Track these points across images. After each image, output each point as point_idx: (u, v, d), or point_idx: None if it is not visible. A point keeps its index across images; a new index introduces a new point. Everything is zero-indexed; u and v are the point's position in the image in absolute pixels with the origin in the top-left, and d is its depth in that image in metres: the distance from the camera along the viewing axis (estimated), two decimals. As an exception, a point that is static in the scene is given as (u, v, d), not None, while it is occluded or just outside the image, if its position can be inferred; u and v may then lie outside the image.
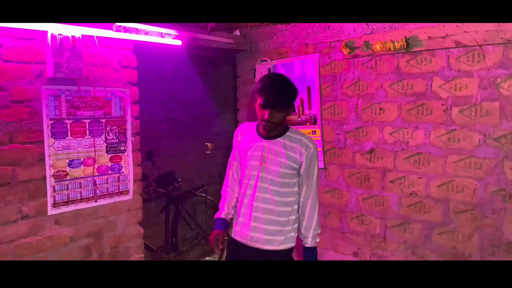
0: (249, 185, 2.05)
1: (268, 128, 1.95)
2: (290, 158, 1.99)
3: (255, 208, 2.02)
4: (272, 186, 2.01)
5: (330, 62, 2.77)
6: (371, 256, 2.70)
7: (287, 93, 1.93)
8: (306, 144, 2.02)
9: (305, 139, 2.04)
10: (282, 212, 2.02)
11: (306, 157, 2.01)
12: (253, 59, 3.19)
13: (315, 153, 2.05)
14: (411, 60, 2.44)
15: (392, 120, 2.54)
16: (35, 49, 2.03)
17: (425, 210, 2.46)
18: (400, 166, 2.54)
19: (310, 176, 2.05)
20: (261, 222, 2.01)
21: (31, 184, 2.05)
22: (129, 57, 2.42)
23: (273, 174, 2.00)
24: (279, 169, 1.99)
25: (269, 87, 1.89)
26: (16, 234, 2.00)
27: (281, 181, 2.00)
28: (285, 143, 2.01)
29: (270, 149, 2.01)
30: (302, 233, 2.06)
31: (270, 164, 2.00)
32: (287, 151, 2.00)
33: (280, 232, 2.02)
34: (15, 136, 1.98)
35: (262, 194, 2.02)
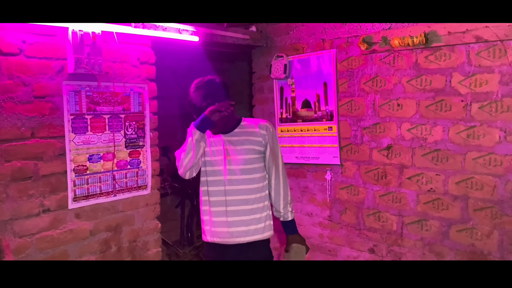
0: (217, 181, 2.05)
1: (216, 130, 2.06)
2: (253, 143, 2.05)
3: (228, 203, 2.03)
4: (241, 175, 2.03)
5: (347, 57, 2.75)
6: (388, 253, 2.69)
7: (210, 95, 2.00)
8: (264, 125, 2.10)
9: (261, 122, 2.12)
10: (256, 198, 2.05)
11: (268, 137, 2.08)
12: (269, 55, 3.18)
13: (274, 131, 2.14)
14: (430, 56, 2.42)
15: (410, 116, 2.52)
16: (56, 45, 2.06)
17: (443, 207, 2.44)
18: (418, 162, 2.52)
19: (275, 155, 2.12)
20: (237, 214, 2.02)
21: (53, 178, 2.08)
22: (148, 53, 2.44)
23: (240, 163, 2.02)
24: (246, 156, 2.03)
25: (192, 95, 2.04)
26: (38, 227, 2.04)
27: (249, 168, 2.04)
28: (243, 131, 2.07)
29: (231, 141, 2.05)
30: (281, 211, 2.13)
31: (235, 154, 2.03)
32: (248, 137, 2.05)
33: (258, 220, 2.05)
34: (37, 131, 2.02)
35: (232, 187, 2.03)
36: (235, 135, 2.07)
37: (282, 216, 2.15)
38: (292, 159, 3.13)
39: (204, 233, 2.13)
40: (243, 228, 2.02)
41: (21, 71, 1.94)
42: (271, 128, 2.12)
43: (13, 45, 1.91)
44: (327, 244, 3.01)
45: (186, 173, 2.03)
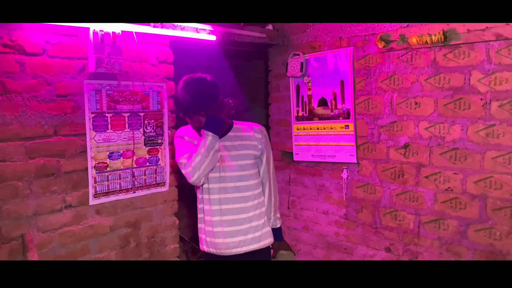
0: (211, 190, 1.94)
1: None
2: (249, 147, 1.96)
3: (223, 212, 1.93)
4: (237, 183, 1.93)
5: (365, 55, 2.74)
6: (404, 252, 2.68)
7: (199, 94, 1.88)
8: (259, 129, 2.03)
9: (255, 125, 2.05)
10: (253, 206, 1.97)
11: (264, 141, 2.02)
12: (285, 53, 3.19)
13: (267, 135, 2.09)
14: (448, 54, 2.39)
15: (428, 115, 2.51)
16: (78, 45, 2.11)
17: (461, 206, 2.42)
18: (435, 161, 2.50)
19: (269, 159, 2.07)
20: (234, 224, 1.92)
21: (74, 175, 2.13)
22: (166, 53, 2.47)
23: (235, 170, 1.92)
24: (241, 162, 1.94)
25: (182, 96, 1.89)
26: (60, 222, 2.10)
27: (245, 174, 1.95)
28: (237, 135, 1.97)
29: (225, 147, 1.93)
30: (272, 218, 2.10)
31: (230, 161, 1.92)
32: (243, 142, 1.96)
33: (256, 228, 1.98)
34: (59, 129, 2.07)
35: (228, 195, 1.93)
36: (229, 139, 1.96)
37: (272, 223, 2.12)
38: (308, 157, 3.13)
39: (200, 242, 2.05)
40: (241, 237, 1.94)
41: (45, 71, 2.00)
42: (265, 132, 2.06)
43: (37, 46, 1.96)
44: (343, 243, 3.01)
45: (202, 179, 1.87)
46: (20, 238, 1.95)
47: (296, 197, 3.31)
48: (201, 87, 1.89)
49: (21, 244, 1.95)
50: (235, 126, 2.01)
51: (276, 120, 3.40)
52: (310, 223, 3.22)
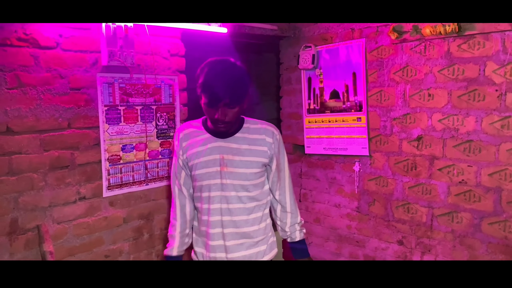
0: (211, 198, 1.66)
1: (223, 129, 1.60)
2: (257, 154, 1.66)
3: (224, 224, 1.66)
4: (240, 192, 1.66)
5: (377, 47, 2.72)
6: (417, 245, 2.66)
7: (238, 83, 1.53)
8: (270, 131, 1.71)
9: (267, 126, 1.72)
10: (257, 218, 1.71)
11: (274, 146, 1.70)
12: (297, 45, 3.18)
13: (281, 138, 1.76)
14: (462, 44, 2.36)
15: (441, 107, 2.48)
16: (91, 38, 2.12)
17: (474, 199, 2.40)
18: (449, 153, 2.47)
19: (281, 167, 1.76)
20: (237, 237, 1.68)
21: (88, 167, 2.16)
22: (178, 45, 2.48)
23: (239, 178, 1.65)
24: (246, 170, 1.64)
25: (214, 80, 1.51)
26: (74, 214, 2.13)
27: (250, 184, 1.66)
28: (245, 137, 1.67)
29: (230, 149, 1.65)
30: (288, 231, 1.81)
31: (233, 166, 1.64)
32: (251, 146, 1.66)
33: (261, 242, 1.74)
34: (73, 122, 2.09)
35: (230, 205, 1.66)
36: (236, 141, 1.66)
37: (289, 236, 1.83)
38: (320, 150, 3.12)
39: (195, 254, 1.78)
40: (243, 252, 1.69)
41: (58, 64, 2.02)
42: (278, 135, 1.74)
43: (50, 39, 1.98)
44: (355, 235, 3.00)
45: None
46: (36, 229, 1.99)
47: (307, 190, 3.30)
48: (238, 72, 1.57)
49: (37, 235, 1.99)
50: (245, 126, 1.70)
51: (288, 113, 3.39)
52: (322, 216, 3.22)
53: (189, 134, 1.71)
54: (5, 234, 1.90)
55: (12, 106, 1.88)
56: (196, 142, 1.68)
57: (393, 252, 2.79)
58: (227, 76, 1.52)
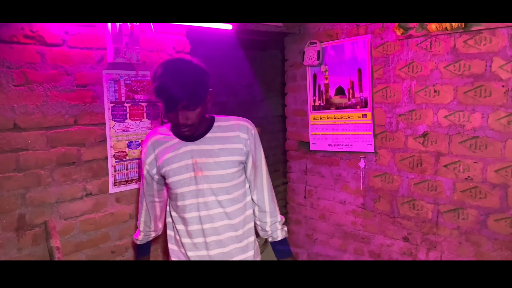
0: (186, 207, 1.59)
1: (188, 132, 1.52)
2: (232, 152, 1.58)
3: (206, 233, 1.59)
4: (220, 196, 1.58)
5: (383, 43, 2.71)
6: (422, 242, 2.66)
7: (195, 82, 1.43)
8: (244, 126, 1.62)
9: (240, 121, 1.64)
10: (241, 222, 1.65)
11: (251, 142, 1.62)
12: (302, 42, 3.17)
13: (257, 134, 1.68)
14: (469, 40, 2.34)
15: (447, 103, 2.47)
16: (96, 35, 2.13)
17: (481, 195, 2.39)
18: (455, 150, 2.47)
19: (258, 163, 1.68)
20: (221, 245, 1.60)
21: (94, 164, 2.17)
22: (183, 42, 2.48)
23: (217, 181, 1.57)
24: (223, 171, 1.57)
25: (168, 81, 1.40)
26: (81, 210, 2.14)
27: (229, 186, 1.59)
28: (217, 136, 1.59)
29: (202, 152, 1.57)
30: (269, 230, 1.73)
31: (208, 170, 1.56)
32: (224, 145, 1.58)
33: (246, 248, 1.67)
34: (79, 118, 2.11)
35: (209, 212, 1.58)
36: (208, 142, 1.58)
37: (270, 235, 1.74)
38: (325, 147, 3.12)
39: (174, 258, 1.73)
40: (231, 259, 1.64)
41: (64, 61, 2.03)
42: (254, 130, 1.65)
43: (56, 36, 1.99)
44: (360, 232, 3.00)
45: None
46: (43, 225, 2.01)
47: (312, 186, 3.30)
48: (194, 70, 1.46)
49: (44, 230, 2.00)
50: (215, 125, 1.61)
51: (293, 110, 3.39)
52: (327, 213, 3.22)
53: (158, 141, 1.63)
54: (13, 230, 1.92)
55: (19, 102, 1.90)
56: (166, 148, 1.60)
57: (399, 249, 2.79)
58: (182, 75, 1.41)
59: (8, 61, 1.85)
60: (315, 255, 3.35)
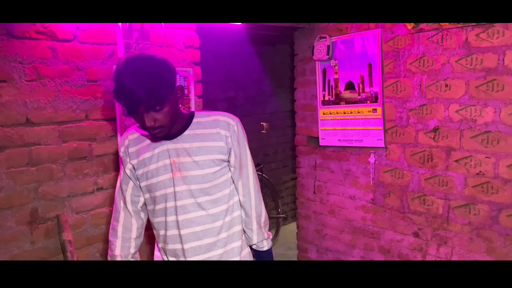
0: (166, 210, 1.47)
1: (160, 134, 1.39)
2: (211, 150, 1.46)
3: (186, 238, 1.47)
4: (199, 198, 1.46)
5: (393, 37, 2.68)
6: (433, 237, 2.64)
7: (156, 80, 1.28)
8: (224, 122, 1.49)
9: (222, 117, 1.51)
10: (224, 225, 1.52)
11: (233, 139, 1.49)
12: (311, 37, 3.16)
13: (241, 130, 1.53)
14: (481, 33, 2.32)
15: (458, 97, 2.44)
16: (107, 30, 2.14)
17: (492, 190, 2.36)
18: (466, 145, 2.44)
19: (244, 162, 1.54)
20: (200, 251, 1.49)
21: (105, 158, 2.19)
22: (192, 37, 2.49)
23: (195, 182, 1.45)
24: (201, 171, 1.45)
25: (126, 81, 1.26)
26: (92, 204, 2.16)
27: (210, 186, 1.47)
28: (196, 134, 1.47)
29: (180, 151, 1.46)
30: (253, 238, 1.60)
31: (186, 170, 1.45)
32: (203, 143, 1.46)
33: (232, 252, 1.55)
34: (91, 113, 2.12)
35: (189, 215, 1.46)
36: (186, 140, 1.46)
37: (255, 245, 1.62)
38: (334, 142, 3.11)
39: None
40: None
41: (75, 56, 2.04)
42: (236, 126, 1.51)
43: (68, 32, 2.01)
44: (370, 227, 2.99)
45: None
46: (55, 218, 2.03)
47: (322, 182, 3.30)
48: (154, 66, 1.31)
49: (56, 224, 2.03)
50: (194, 121, 1.49)
51: (302, 105, 3.38)
52: (337, 208, 3.22)
53: (136, 139, 1.53)
54: (26, 223, 1.94)
55: (31, 98, 1.92)
56: (143, 148, 1.50)
57: (409, 244, 2.77)
58: (141, 73, 1.27)
59: (20, 56, 1.87)
60: (324, 250, 3.35)
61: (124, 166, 1.55)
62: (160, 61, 1.34)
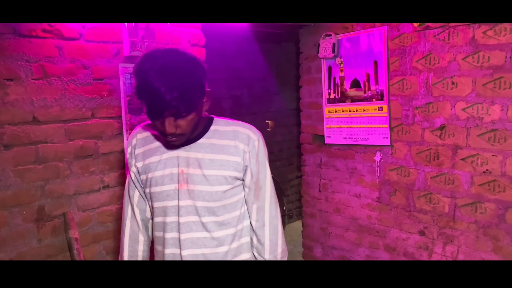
0: (167, 225, 1.30)
1: (177, 142, 1.23)
2: (225, 166, 1.27)
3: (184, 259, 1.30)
4: (205, 217, 1.28)
5: (399, 34, 2.67)
6: (439, 236, 2.63)
7: (189, 82, 1.13)
8: (245, 135, 1.30)
9: (243, 129, 1.32)
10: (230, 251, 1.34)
11: (251, 156, 1.29)
12: (316, 34, 3.15)
13: (262, 146, 1.33)
14: (488, 31, 2.30)
15: (465, 95, 2.43)
16: (113, 29, 2.15)
17: (499, 189, 2.35)
18: (473, 143, 2.43)
19: (261, 183, 1.33)
20: None
21: (111, 157, 2.20)
22: (198, 35, 2.49)
23: (202, 199, 1.27)
24: (210, 188, 1.26)
25: (151, 83, 1.09)
26: (98, 202, 2.17)
27: (218, 206, 1.29)
28: (212, 143, 1.29)
29: (190, 160, 1.27)
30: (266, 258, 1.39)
31: (194, 183, 1.26)
32: (216, 155, 1.27)
33: None
34: (97, 112, 2.13)
35: (191, 234, 1.29)
36: (199, 149, 1.28)
37: None
38: (340, 140, 3.10)
39: None
40: None
41: (81, 55, 2.05)
42: (258, 141, 1.32)
43: (74, 30, 2.01)
44: (376, 226, 2.98)
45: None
46: (62, 216, 2.04)
47: (327, 180, 3.29)
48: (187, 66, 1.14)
49: (63, 222, 2.04)
50: (212, 129, 1.31)
51: (307, 103, 3.37)
52: (342, 206, 3.21)
53: (144, 139, 1.36)
54: (33, 221, 1.96)
55: (38, 96, 1.93)
56: (151, 151, 1.33)
57: (414, 243, 2.76)
58: (174, 74, 1.10)
59: (27, 55, 1.88)
60: (329, 249, 3.35)
61: (130, 168, 1.39)
62: (194, 60, 1.17)
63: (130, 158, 1.39)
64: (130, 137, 1.41)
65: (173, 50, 1.18)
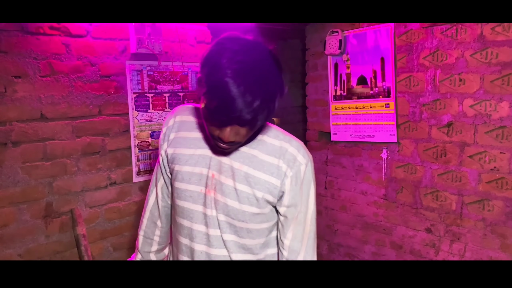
0: (185, 230, 1.15)
1: (229, 149, 1.06)
2: (261, 185, 1.08)
3: None
4: (225, 234, 1.11)
5: (406, 31, 2.65)
6: (446, 233, 2.62)
7: (271, 90, 0.96)
8: (293, 156, 1.09)
9: (292, 148, 1.10)
10: None
11: (293, 182, 1.09)
12: (323, 31, 3.13)
13: (309, 173, 1.12)
14: (497, 27, 2.28)
15: (473, 92, 2.41)
16: (119, 26, 2.15)
17: (507, 186, 2.33)
18: (480, 140, 2.41)
19: (300, 218, 1.12)
20: None
21: (118, 153, 2.21)
22: (204, 33, 2.49)
23: (226, 213, 1.09)
24: (238, 205, 1.08)
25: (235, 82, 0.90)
26: (105, 198, 2.19)
27: (242, 228, 1.10)
28: (253, 155, 1.10)
29: (223, 167, 1.10)
30: None
31: (222, 194, 1.09)
32: (256, 172, 1.08)
33: None
34: (104, 109, 2.14)
35: (210, 250, 1.12)
36: (239, 157, 1.10)
37: None
38: (346, 137, 3.09)
39: None
40: None
41: (88, 52, 2.06)
42: (304, 165, 1.10)
43: (81, 28, 2.02)
44: (382, 223, 2.98)
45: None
46: (69, 213, 2.06)
47: (333, 177, 3.29)
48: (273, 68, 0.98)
49: (70, 218, 2.05)
50: (258, 137, 1.12)
51: (313, 100, 3.36)
52: (348, 203, 3.20)
53: (184, 123, 1.18)
54: (41, 217, 1.97)
55: (46, 93, 1.94)
56: (186, 140, 1.16)
57: (421, 240, 2.75)
58: (258, 76, 0.91)
59: (35, 52, 1.89)
60: (335, 246, 3.35)
61: (160, 150, 1.22)
62: (277, 58, 0.98)
63: (163, 139, 1.21)
64: (168, 116, 1.22)
65: (256, 43, 0.99)
